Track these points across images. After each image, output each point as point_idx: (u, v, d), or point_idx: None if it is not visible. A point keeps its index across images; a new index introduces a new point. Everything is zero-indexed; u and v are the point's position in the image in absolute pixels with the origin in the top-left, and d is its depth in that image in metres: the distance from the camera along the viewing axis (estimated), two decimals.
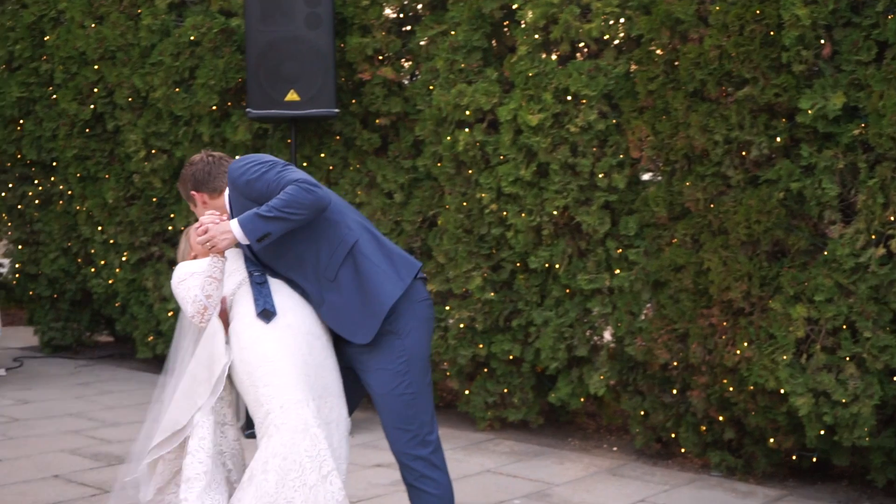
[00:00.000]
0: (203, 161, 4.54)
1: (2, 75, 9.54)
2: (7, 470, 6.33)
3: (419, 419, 4.34)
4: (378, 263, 4.32)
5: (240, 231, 4.15)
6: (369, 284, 4.28)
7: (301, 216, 4.12)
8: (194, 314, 4.25)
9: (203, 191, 4.51)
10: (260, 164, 4.26)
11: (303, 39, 7.32)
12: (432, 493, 4.36)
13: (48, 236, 9.62)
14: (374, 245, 4.36)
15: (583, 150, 6.66)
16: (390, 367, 4.31)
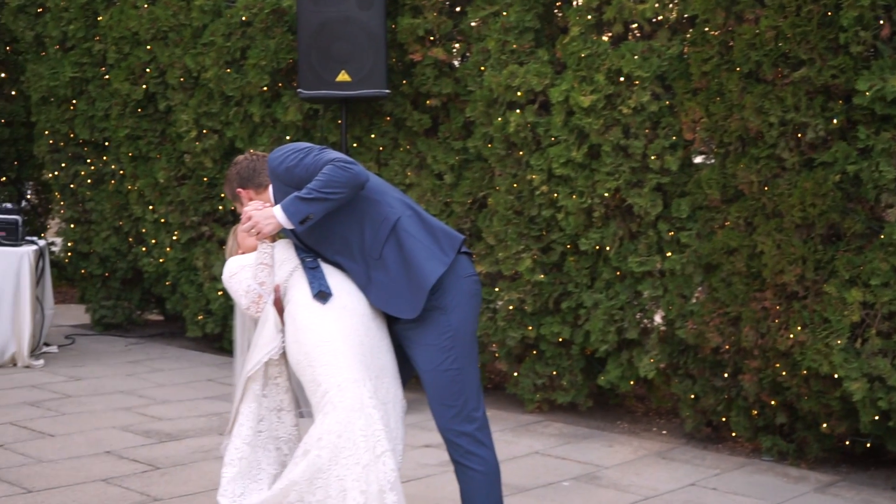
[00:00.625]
0: (246, 159, 4.59)
1: (56, 55, 9.61)
2: (60, 445, 6.39)
3: (464, 395, 4.33)
4: (421, 239, 4.33)
5: (282, 215, 4.19)
6: (413, 260, 4.29)
7: (340, 195, 4.16)
8: (249, 305, 4.30)
9: (248, 187, 4.53)
10: (297, 151, 4.31)
11: (354, 20, 7.31)
12: (478, 469, 4.35)
13: (100, 215, 9.69)
14: (417, 221, 4.38)
15: (635, 131, 6.62)
16: (435, 342, 4.31)
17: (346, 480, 4.00)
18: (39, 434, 6.61)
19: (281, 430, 4.37)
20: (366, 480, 4.00)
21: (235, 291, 4.38)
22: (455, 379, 4.31)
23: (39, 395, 7.59)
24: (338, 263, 4.41)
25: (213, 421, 7.01)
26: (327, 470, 4.02)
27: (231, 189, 4.59)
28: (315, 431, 4.07)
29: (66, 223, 10.05)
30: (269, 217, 4.24)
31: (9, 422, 6.83)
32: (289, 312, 4.29)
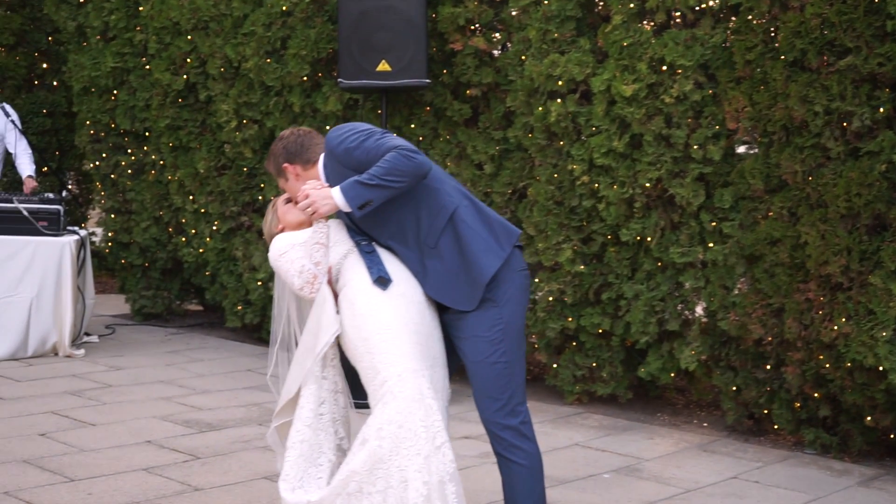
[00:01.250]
0: (293, 134, 4.54)
1: (97, 46, 9.65)
2: (101, 435, 6.41)
3: (510, 389, 4.30)
4: (478, 231, 4.29)
5: (341, 198, 4.15)
6: (470, 252, 4.26)
7: (402, 183, 4.12)
8: (303, 285, 4.26)
9: (296, 163, 4.48)
10: (358, 132, 4.26)
11: (395, 9, 7.28)
12: (521, 463, 4.32)
13: (140, 205, 9.72)
14: (474, 212, 4.34)
15: (677, 121, 6.56)
16: (486, 334, 4.28)
17: (408, 471, 4.00)
18: (81, 423, 6.64)
19: (337, 412, 4.36)
20: (427, 471, 4.00)
21: (287, 271, 4.33)
22: (503, 372, 4.28)
23: (80, 384, 7.62)
24: (391, 248, 4.38)
25: (252, 411, 7.02)
26: (388, 460, 4.01)
27: (276, 164, 4.53)
28: (375, 421, 4.05)
29: (106, 213, 10.10)
30: (326, 198, 4.19)
31: (50, 411, 6.87)
32: (345, 296, 4.25)
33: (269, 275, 8.64)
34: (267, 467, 5.83)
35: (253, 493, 5.48)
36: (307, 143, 4.50)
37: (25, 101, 11.10)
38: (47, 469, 5.72)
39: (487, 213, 4.39)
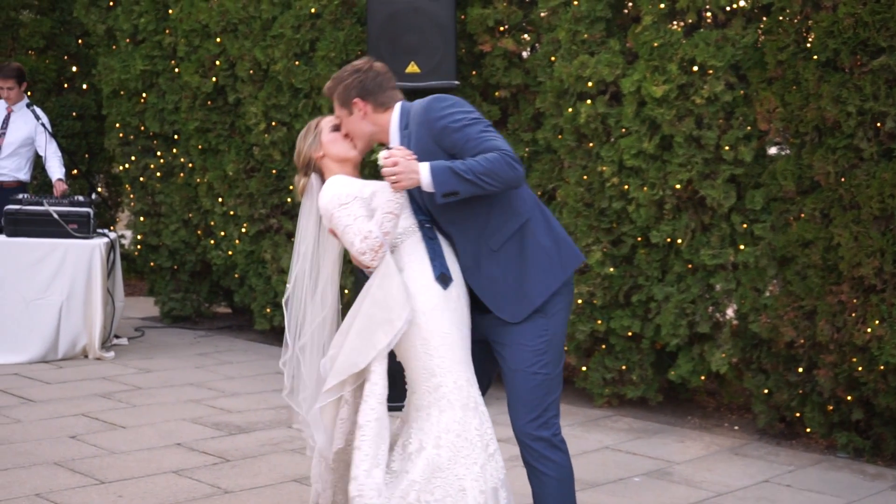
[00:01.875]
0: (373, 69, 4.28)
1: (126, 49, 9.68)
2: (131, 437, 6.42)
3: (547, 401, 4.23)
4: (545, 248, 4.21)
5: (429, 180, 4.00)
6: (531, 267, 4.17)
7: (494, 188, 4.01)
8: (366, 251, 4.04)
9: (369, 101, 4.24)
10: (465, 113, 4.11)
11: (424, 11, 7.26)
12: (551, 474, 4.24)
13: (169, 208, 9.75)
14: (545, 227, 4.25)
15: (708, 122, 6.52)
16: (530, 344, 4.19)
17: (466, 480, 4.00)
18: (111, 425, 6.65)
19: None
20: (483, 479, 4.01)
21: (347, 227, 4.09)
22: (542, 384, 4.21)
23: (110, 386, 7.64)
24: (448, 235, 4.24)
25: (281, 413, 7.02)
26: (446, 469, 4.00)
27: (345, 94, 4.24)
28: (433, 429, 4.02)
29: (135, 216, 10.13)
30: (413, 172, 3.99)
31: (81, 413, 6.89)
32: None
33: None
34: (296, 470, 5.83)
35: (282, 495, 5.47)
36: (386, 84, 4.27)
37: (55, 104, 11.15)
38: (78, 471, 5.74)
39: (557, 230, 4.30)
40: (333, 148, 4.30)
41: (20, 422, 6.66)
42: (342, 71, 4.31)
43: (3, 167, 9.32)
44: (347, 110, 4.26)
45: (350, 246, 4.10)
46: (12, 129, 9.31)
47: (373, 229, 4.04)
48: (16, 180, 9.39)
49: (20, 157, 9.39)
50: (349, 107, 4.25)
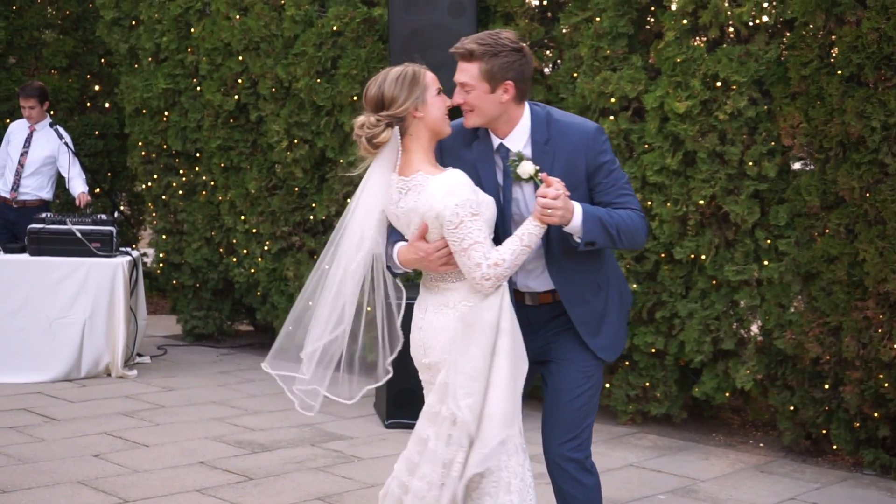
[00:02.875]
0: (528, 58, 3.95)
1: (149, 67, 9.71)
2: (154, 455, 6.42)
3: (584, 424, 4.12)
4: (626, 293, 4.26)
5: (579, 226, 3.83)
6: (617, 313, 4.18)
7: (622, 247, 3.99)
8: (491, 278, 3.74)
9: (519, 88, 3.90)
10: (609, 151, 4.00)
11: (446, 28, 7.28)
12: (580, 498, 4.12)
13: (192, 226, 9.76)
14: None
15: (732, 137, 6.50)
16: (580, 365, 4.09)
17: None
18: (134, 444, 6.65)
19: None
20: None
21: (475, 243, 3.72)
22: (583, 407, 4.11)
23: (133, 405, 7.64)
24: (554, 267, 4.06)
25: (304, 432, 7.01)
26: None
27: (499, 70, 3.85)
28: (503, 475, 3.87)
29: (158, 234, 10.14)
30: (568, 213, 3.78)
31: (104, 432, 6.89)
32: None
33: None
34: (319, 488, 5.81)
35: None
36: (531, 74, 3.97)
37: (78, 123, 11.20)
38: (101, 490, 5.73)
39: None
40: (439, 116, 3.89)
41: (44, 440, 6.66)
42: (495, 38, 3.90)
43: (26, 186, 9.37)
44: (490, 86, 3.88)
45: (473, 266, 3.75)
46: (35, 147, 9.37)
47: (507, 258, 3.76)
48: (39, 199, 9.44)
49: (42, 176, 9.45)
50: (496, 83, 3.87)
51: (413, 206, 3.82)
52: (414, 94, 3.84)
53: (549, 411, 4.14)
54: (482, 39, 3.92)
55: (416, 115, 3.84)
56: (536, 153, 3.93)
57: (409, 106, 3.82)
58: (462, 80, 3.92)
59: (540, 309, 4.12)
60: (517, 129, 3.96)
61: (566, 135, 3.94)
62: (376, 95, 3.85)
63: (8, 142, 9.43)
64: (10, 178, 9.37)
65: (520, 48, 3.91)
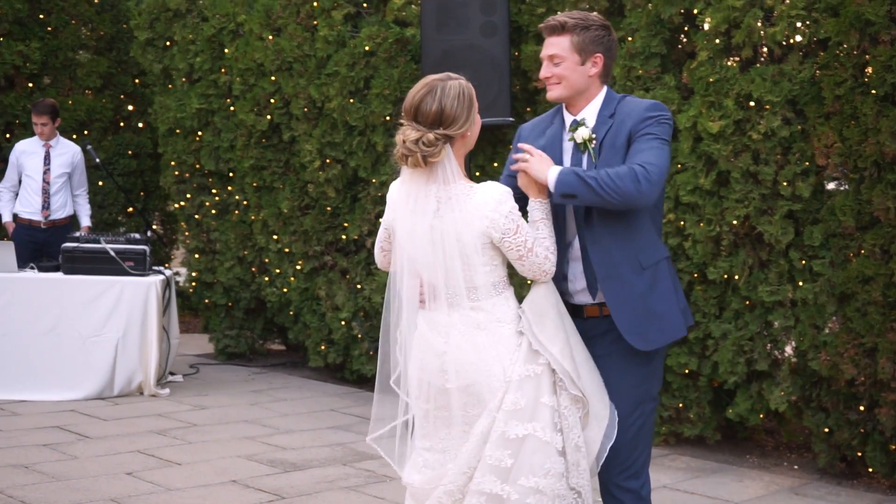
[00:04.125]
0: (615, 40, 4.12)
1: (182, 88, 9.78)
2: (187, 474, 6.43)
3: (636, 453, 4.03)
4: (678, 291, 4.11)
5: (554, 179, 3.86)
6: (670, 303, 4.05)
7: (614, 202, 3.83)
8: (549, 269, 3.91)
9: (607, 64, 4.07)
10: (666, 133, 3.95)
11: (478, 48, 7.29)
12: None
13: (224, 245, 9.80)
14: (675, 274, 4.16)
15: (765, 157, 6.47)
16: (632, 390, 4.01)
17: None
18: (167, 462, 6.66)
19: None
20: None
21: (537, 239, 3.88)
22: (635, 438, 4.02)
23: (166, 423, 7.67)
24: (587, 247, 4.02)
25: (336, 451, 7.00)
26: None
27: (591, 43, 4.01)
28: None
29: (190, 253, 10.19)
30: (542, 170, 3.88)
31: (137, 450, 6.91)
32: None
33: (351, 314, 8.65)
34: None
35: None
36: (612, 45, 4.10)
37: (112, 142, 11.29)
38: None
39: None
40: (476, 133, 3.96)
41: (77, 458, 6.69)
42: (584, 14, 4.07)
43: (55, 203, 9.45)
44: (581, 57, 4.01)
45: (542, 260, 3.88)
46: (54, 165, 9.46)
47: (549, 244, 3.91)
48: (67, 216, 9.55)
49: (66, 192, 9.56)
50: (586, 56, 4.02)
51: (458, 217, 3.81)
52: (472, 116, 3.86)
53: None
54: (572, 14, 4.06)
55: (467, 135, 3.88)
56: (598, 124, 4.01)
57: (466, 128, 3.84)
58: (552, 53, 4.04)
59: (587, 322, 4.08)
60: (590, 106, 4.07)
61: (630, 110, 4.00)
62: (437, 112, 3.80)
63: (20, 163, 9.47)
64: (37, 199, 9.42)
65: (607, 25, 4.05)
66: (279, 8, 8.89)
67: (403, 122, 3.84)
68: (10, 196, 9.51)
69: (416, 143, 3.79)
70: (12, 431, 7.29)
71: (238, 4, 9.29)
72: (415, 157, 3.79)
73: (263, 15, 8.99)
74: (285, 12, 8.85)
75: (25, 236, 9.34)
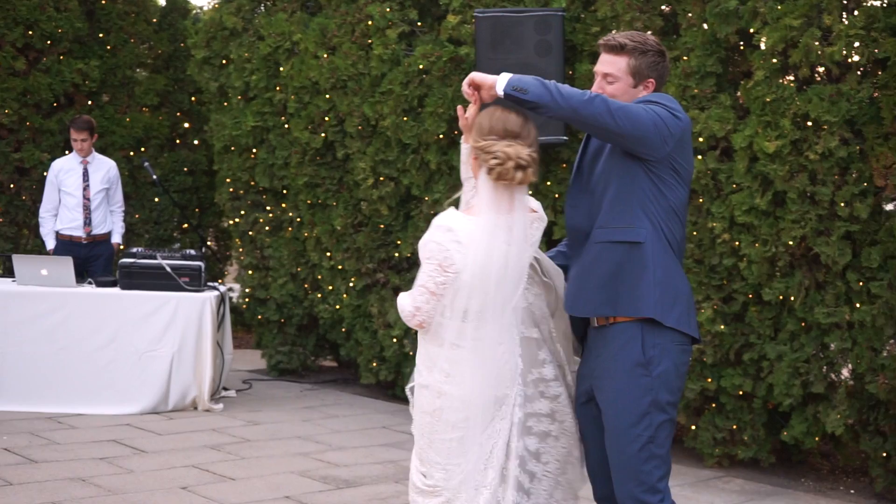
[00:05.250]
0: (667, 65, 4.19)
1: (238, 105, 9.85)
2: (241, 489, 6.46)
3: (646, 466, 3.96)
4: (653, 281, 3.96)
5: (504, 78, 3.89)
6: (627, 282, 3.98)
7: (564, 113, 3.82)
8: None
9: (656, 89, 4.15)
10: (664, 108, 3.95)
11: (533, 66, 7.29)
12: None
13: (277, 262, 9.85)
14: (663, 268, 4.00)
15: (822, 177, 6.42)
16: (632, 403, 3.97)
17: None
18: (220, 477, 6.70)
19: None
20: None
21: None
22: (642, 450, 3.96)
23: (219, 438, 7.71)
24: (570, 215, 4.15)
25: (388, 468, 7.01)
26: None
27: (646, 67, 4.09)
28: None
29: (244, 269, 10.26)
30: (493, 78, 3.95)
31: (191, 464, 6.95)
32: None
33: (403, 331, 8.66)
34: None
35: None
36: (665, 72, 4.16)
37: (167, 159, 11.41)
38: None
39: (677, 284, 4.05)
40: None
41: (133, 472, 6.74)
42: (644, 37, 4.12)
43: (96, 219, 9.56)
44: (634, 81, 4.09)
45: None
46: (93, 180, 9.56)
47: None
48: (108, 231, 9.67)
49: (105, 207, 9.67)
50: (639, 80, 4.10)
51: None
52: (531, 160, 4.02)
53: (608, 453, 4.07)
54: (632, 36, 4.09)
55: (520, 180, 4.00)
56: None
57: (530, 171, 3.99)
58: (608, 71, 4.09)
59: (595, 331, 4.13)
60: None
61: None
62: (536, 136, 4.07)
63: (59, 181, 9.56)
64: (79, 215, 9.51)
65: (663, 52, 4.12)
66: (334, 27, 8.95)
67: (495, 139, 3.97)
68: (53, 222, 9.60)
69: (528, 157, 3.98)
70: (70, 444, 7.37)
71: (294, 23, 9.36)
72: (528, 172, 3.97)
73: (319, 34, 9.05)
74: (340, 31, 8.91)
75: (66, 252, 9.44)
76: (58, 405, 8.33)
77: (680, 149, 4.00)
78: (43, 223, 9.65)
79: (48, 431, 7.72)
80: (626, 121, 3.84)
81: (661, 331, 3.99)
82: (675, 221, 4.04)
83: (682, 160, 4.03)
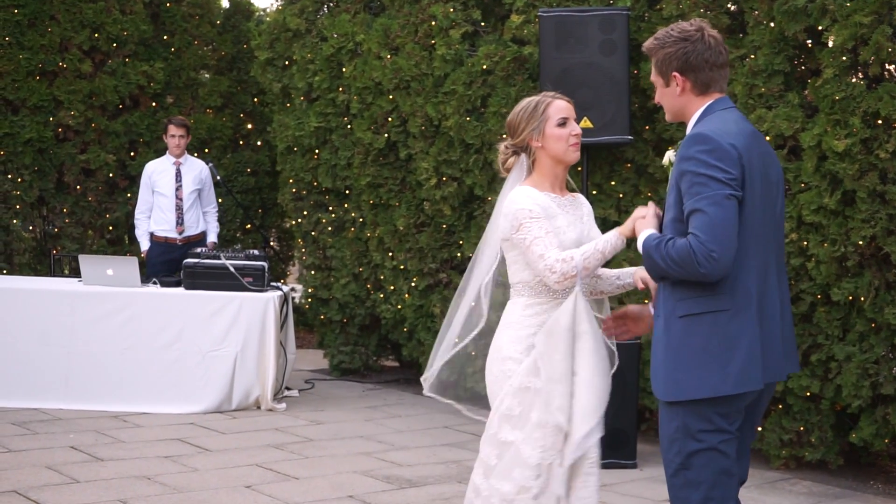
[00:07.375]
0: (704, 42, 3.77)
1: (301, 106, 9.89)
2: (304, 488, 6.48)
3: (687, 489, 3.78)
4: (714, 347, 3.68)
5: (643, 249, 3.76)
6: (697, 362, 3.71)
7: (678, 276, 3.66)
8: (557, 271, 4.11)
9: (689, 77, 3.80)
10: (708, 168, 3.60)
11: (597, 66, 7.26)
12: None
13: (340, 262, 9.87)
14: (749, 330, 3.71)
15: (893, 176, 6.32)
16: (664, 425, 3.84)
17: None
18: (284, 476, 6.72)
19: None
20: None
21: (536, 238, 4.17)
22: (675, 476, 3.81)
23: (283, 437, 7.74)
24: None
25: (451, 468, 7.00)
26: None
27: (664, 63, 3.82)
28: None
29: (306, 269, 10.29)
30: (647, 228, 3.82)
31: (255, 463, 6.98)
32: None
33: None
34: None
35: None
36: (713, 60, 3.77)
37: (231, 160, 11.49)
38: None
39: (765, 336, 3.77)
40: (555, 146, 4.24)
41: (197, 470, 6.79)
42: (669, 30, 3.84)
43: (188, 220, 9.64)
44: (663, 80, 3.87)
45: (531, 257, 4.17)
46: (185, 181, 9.64)
47: (576, 256, 4.10)
48: (201, 231, 9.73)
49: (197, 208, 9.73)
50: (666, 77, 3.85)
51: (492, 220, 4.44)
52: (531, 126, 4.23)
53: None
54: (658, 34, 3.91)
55: (535, 145, 4.26)
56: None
57: (526, 137, 4.24)
58: (651, 80, 4.00)
59: None
60: (690, 124, 3.87)
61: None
62: (508, 122, 4.34)
63: (153, 182, 9.65)
64: (171, 216, 9.60)
65: (686, 36, 3.78)
66: (397, 27, 8.95)
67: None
68: (147, 223, 9.69)
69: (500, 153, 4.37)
70: (135, 443, 7.43)
71: (357, 24, 9.38)
72: (498, 164, 4.40)
73: (382, 34, 9.07)
74: (403, 31, 8.91)
75: (161, 254, 9.53)
76: (123, 404, 8.42)
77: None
78: (138, 224, 9.76)
79: (114, 430, 7.80)
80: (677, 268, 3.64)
81: None
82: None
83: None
